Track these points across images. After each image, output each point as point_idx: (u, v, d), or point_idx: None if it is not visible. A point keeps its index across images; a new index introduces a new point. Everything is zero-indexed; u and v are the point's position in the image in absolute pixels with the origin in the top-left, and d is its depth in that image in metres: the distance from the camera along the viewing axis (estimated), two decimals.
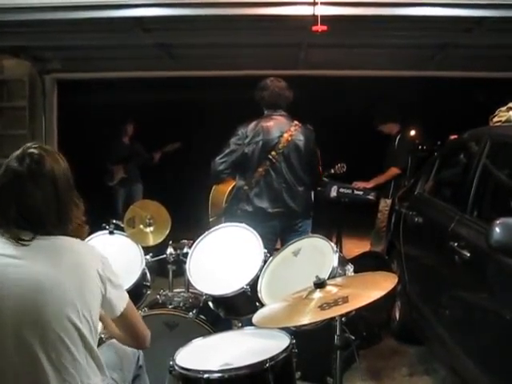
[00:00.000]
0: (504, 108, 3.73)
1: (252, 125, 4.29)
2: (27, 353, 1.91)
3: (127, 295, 2.21)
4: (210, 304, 3.28)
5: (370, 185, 6.14)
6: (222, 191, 4.56)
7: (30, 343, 1.91)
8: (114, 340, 2.44)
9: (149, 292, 3.54)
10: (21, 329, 1.91)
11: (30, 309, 1.92)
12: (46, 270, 1.95)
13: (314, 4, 4.47)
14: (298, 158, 4.31)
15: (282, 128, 4.29)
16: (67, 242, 2.04)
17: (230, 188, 4.49)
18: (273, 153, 4.24)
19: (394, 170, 6.26)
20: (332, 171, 5.91)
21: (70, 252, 2.03)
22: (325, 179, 5.73)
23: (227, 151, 4.24)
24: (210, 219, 4.09)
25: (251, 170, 4.26)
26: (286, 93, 4.39)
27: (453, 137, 5.00)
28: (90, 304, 2.01)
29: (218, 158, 4.24)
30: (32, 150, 2.04)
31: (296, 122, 4.36)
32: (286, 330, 2.63)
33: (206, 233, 3.52)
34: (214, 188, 4.65)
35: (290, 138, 4.28)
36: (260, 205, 4.24)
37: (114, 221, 3.61)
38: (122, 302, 2.16)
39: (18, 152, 2.04)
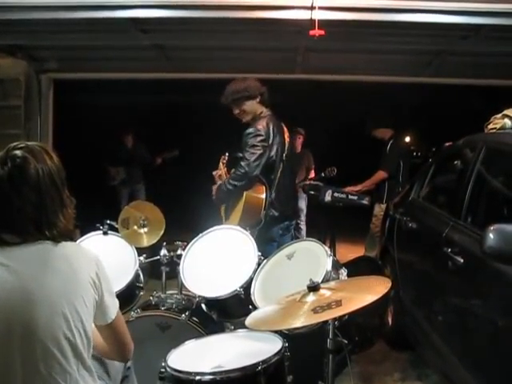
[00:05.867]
0: (499, 115, 3.75)
1: (267, 124, 4.11)
2: (16, 364, 1.85)
3: (118, 303, 2.15)
4: (203, 306, 3.28)
5: (357, 188, 6.17)
6: (259, 199, 4.11)
7: (19, 355, 1.85)
8: None
9: (142, 293, 3.54)
10: (9, 340, 1.85)
11: (18, 321, 1.85)
12: (35, 280, 1.88)
13: (312, 8, 4.48)
14: (293, 158, 4.38)
15: (282, 128, 4.27)
16: (60, 247, 1.96)
17: (264, 195, 4.12)
18: (284, 154, 4.21)
19: (380, 174, 6.31)
20: (322, 174, 5.93)
21: (63, 259, 1.95)
22: (319, 184, 5.75)
23: (259, 153, 4.02)
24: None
25: (274, 172, 4.16)
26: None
27: (448, 143, 5.02)
28: (82, 314, 1.94)
29: (251, 161, 3.99)
30: (15, 152, 1.93)
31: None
32: (278, 333, 2.63)
33: (200, 235, 3.53)
34: (245, 197, 4.08)
35: (288, 140, 4.30)
36: (281, 208, 4.18)
37: (108, 221, 3.61)
38: (113, 309, 2.10)
39: (2, 153, 1.94)
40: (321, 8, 4.47)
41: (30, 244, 1.92)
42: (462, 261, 3.06)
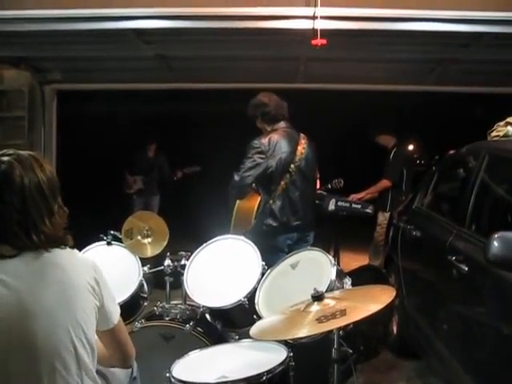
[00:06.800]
0: (502, 123, 3.74)
1: (271, 138, 4.24)
2: (18, 381, 1.82)
3: (119, 308, 2.13)
4: (207, 316, 3.28)
5: (360, 196, 6.18)
6: (250, 207, 4.28)
7: (21, 371, 1.83)
8: None
9: (146, 304, 3.54)
10: (9, 357, 1.82)
11: (17, 337, 1.82)
12: (32, 293, 1.84)
13: (314, 18, 4.50)
14: (309, 171, 4.40)
15: (295, 140, 4.34)
16: (55, 256, 1.93)
17: (257, 203, 4.27)
18: (292, 166, 4.26)
19: (384, 182, 6.33)
20: (329, 186, 5.94)
21: (58, 268, 1.92)
22: (323, 193, 5.74)
23: (251, 165, 4.14)
24: None
25: (274, 183, 4.24)
26: (285, 103, 4.43)
27: (451, 151, 5.02)
28: (82, 322, 1.92)
29: (242, 171, 4.12)
30: (2, 159, 1.91)
31: (302, 135, 4.42)
32: (283, 342, 2.62)
33: (204, 245, 3.52)
34: (237, 204, 4.28)
35: (302, 151, 4.34)
36: (283, 218, 4.22)
37: (112, 231, 3.61)
38: (115, 314, 2.09)
39: None
40: (322, 18, 4.49)
41: (24, 255, 1.89)
42: (466, 269, 3.05)
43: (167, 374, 2.47)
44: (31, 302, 1.85)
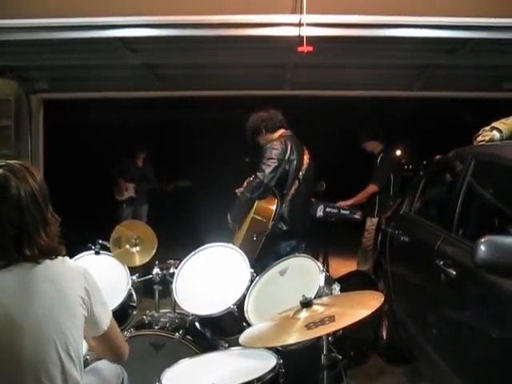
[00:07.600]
0: (487, 127, 3.77)
1: (286, 142, 4.33)
2: None
3: (110, 312, 2.15)
4: (197, 324, 3.27)
5: (349, 202, 6.20)
6: (268, 209, 4.30)
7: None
8: (96, 364, 2.36)
9: (135, 312, 3.53)
10: None
11: (5, 350, 1.81)
12: (19, 306, 1.83)
13: (300, 25, 4.51)
14: (311, 180, 4.53)
15: (301, 149, 4.45)
16: (44, 268, 1.92)
17: (275, 206, 4.31)
18: (300, 173, 4.36)
19: (371, 187, 6.35)
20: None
21: (47, 280, 1.91)
22: (311, 199, 5.76)
23: (274, 166, 4.23)
24: (254, 238, 3.83)
25: (286, 187, 4.33)
26: (279, 112, 4.62)
27: (438, 156, 5.04)
28: (70, 335, 1.91)
29: (267, 171, 4.19)
30: None
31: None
32: (273, 349, 2.62)
33: (193, 253, 3.53)
34: (256, 205, 4.30)
35: (308, 160, 4.45)
36: (292, 223, 4.30)
37: (100, 241, 3.60)
38: (106, 319, 2.09)
39: None
40: (308, 25, 4.50)
41: (12, 267, 1.87)
42: (454, 273, 3.07)
43: (157, 383, 2.46)
44: (19, 315, 1.84)
